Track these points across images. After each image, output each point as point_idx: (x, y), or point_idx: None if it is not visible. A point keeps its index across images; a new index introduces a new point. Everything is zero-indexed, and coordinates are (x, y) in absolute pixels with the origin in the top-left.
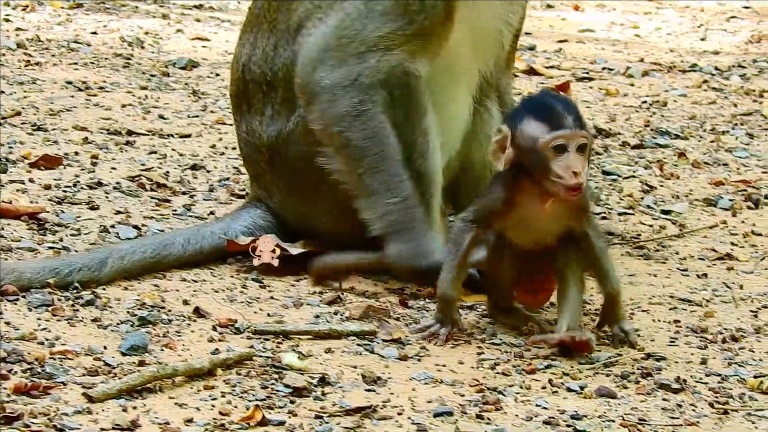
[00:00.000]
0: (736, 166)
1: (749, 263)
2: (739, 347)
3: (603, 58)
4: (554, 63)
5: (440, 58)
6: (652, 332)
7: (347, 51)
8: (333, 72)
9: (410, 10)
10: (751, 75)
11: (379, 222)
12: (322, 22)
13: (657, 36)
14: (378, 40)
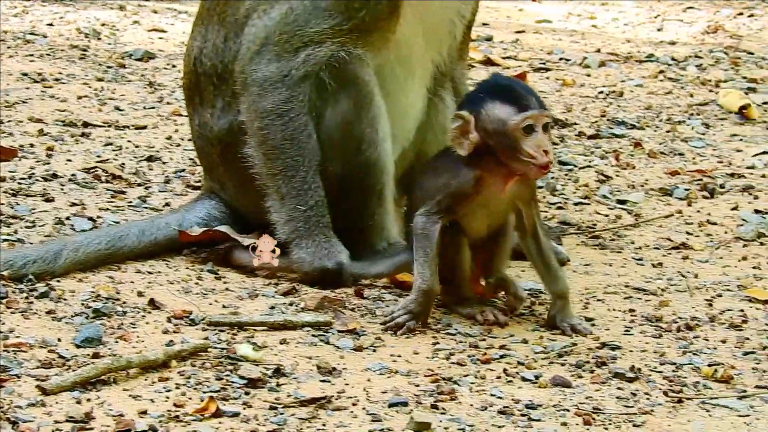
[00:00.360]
0: (692, 155)
1: (704, 252)
2: (693, 336)
3: (560, 49)
4: (511, 53)
5: (390, 49)
6: (607, 321)
7: (285, 46)
8: (267, 66)
9: (351, 7)
10: (707, 65)
11: (285, 227)
12: (266, 14)
13: (614, 26)
14: (314, 35)
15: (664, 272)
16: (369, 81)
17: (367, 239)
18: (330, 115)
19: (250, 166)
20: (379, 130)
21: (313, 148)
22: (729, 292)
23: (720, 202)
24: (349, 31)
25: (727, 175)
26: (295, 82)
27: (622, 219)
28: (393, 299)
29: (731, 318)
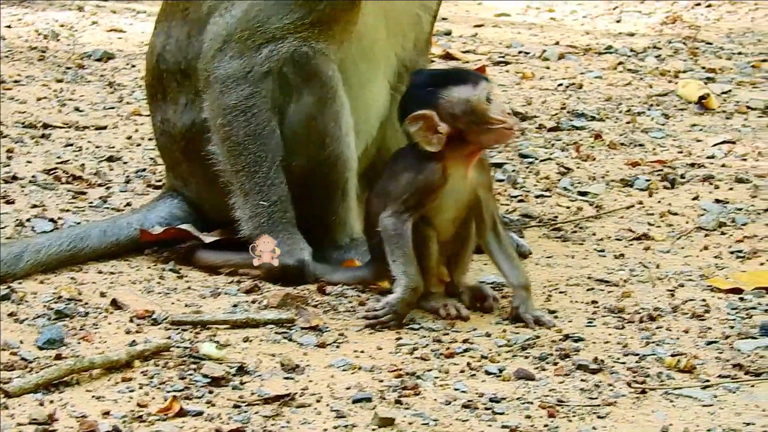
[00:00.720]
0: (652, 146)
1: (666, 242)
2: (656, 326)
3: (519, 42)
4: (470, 47)
5: (353, 42)
6: (570, 313)
7: (247, 43)
8: (230, 63)
9: (311, 0)
10: (665, 56)
11: (248, 223)
12: (227, 12)
13: (572, 19)
14: (275, 31)
15: (626, 263)
16: (332, 76)
17: (330, 234)
18: (293, 111)
19: (214, 163)
20: (342, 125)
21: (276, 143)
22: (691, 282)
23: (681, 193)
24: (311, 25)
25: (688, 165)
26: (258, 78)
27: (583, 211)
28: (356, 295)
29: (693, 308)
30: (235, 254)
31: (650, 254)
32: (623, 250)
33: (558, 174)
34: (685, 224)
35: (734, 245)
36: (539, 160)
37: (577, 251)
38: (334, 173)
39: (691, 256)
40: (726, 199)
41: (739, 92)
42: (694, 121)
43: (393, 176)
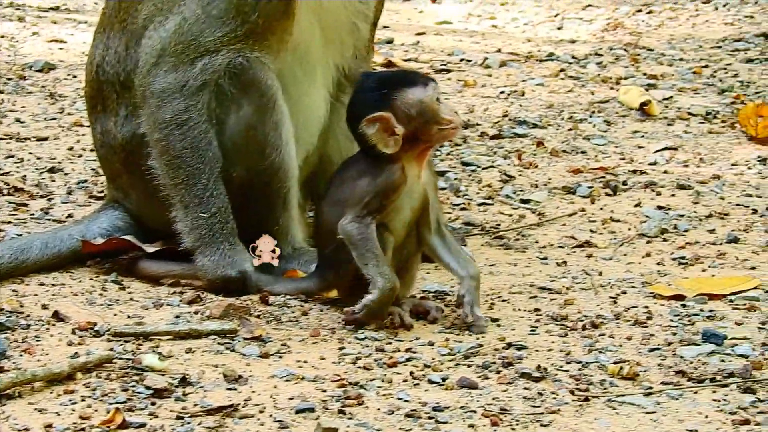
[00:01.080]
0: (594, 153)
1: (608, 250)
2: (599, 334)
3: (461, 50)
4: (412, 56)
5: (289, 52)
6: (513, 321)
7: (181, 57)
8: (165, 77)
9: (242, 12)
10: (607, 62)
11: (189, 235)
12: (161, 26)
13: (514, 26)
14: (209, 44)
15: (568, 271)
16: (271, 85)
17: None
18: (233, 121)
19: (154, 175)
20: (282, 134)
21: (214, 155)
22: (633, 289)
23: (623, 199)
24: (245, 36)
25: (630, 172)
26: (193, 92)
27: (526, 218)
28: (298, 305)
29: (636, 315)
30: (177, 265)
31: (593, 261)
32: (566, 258)
33: (500, 182)
34: (628, 231)
35: (676, 252)
36: (482, 168)
37: (520, 259)
38: (275, 182)
39: (633, 263)
40: (668, 206)
41: (680, 98)
42: (636, 128)
43: (346, 183)
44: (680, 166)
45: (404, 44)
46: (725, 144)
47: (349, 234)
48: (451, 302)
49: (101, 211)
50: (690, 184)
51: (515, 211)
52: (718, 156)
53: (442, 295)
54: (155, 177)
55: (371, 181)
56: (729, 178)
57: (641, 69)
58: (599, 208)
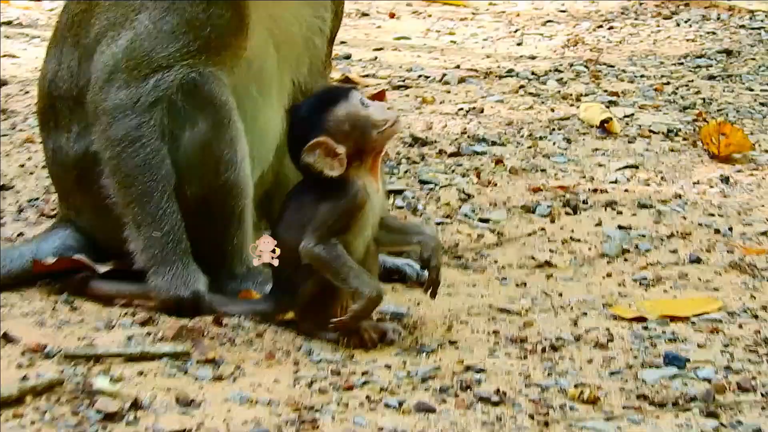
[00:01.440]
0: (554, 171)
1: (568, 270)
2: (559, 356)
3: (419, 66)
4: (370, 71)
5: (244, 68)
6: (472, 344)
7: (133, 74)
8: (117, 94)
9: (194, 27)
10: (567, 79)
11: (142, 255)
12: (113, 42)
13: (473, 42)
14: (161, 60)
15: (528, 292)
16: (226, 101)
17: (226, 264)
18: (187, 138)
19: (107, 194)
20: (237, 152)
21: (167, 173)
22: (594, 310)
23: (583, 219)
24: (197, 51)
25: (590, 190)
26: (146, 108)
27: (484, 238)
28: (253, 327)
29: (596, 337)
30: (130, 285)
31: (552, 282)
32: (525, 278)
33: (459, 200)
34: (588, 251)
35: (638, 272)
36: (439, 186)
37: (479, 280)
38: (230, 201)
39: (593, 284)
40: (629, 225)
41: (641, 116)
42: (597, 146)
43: (305, 207)
44: (641, 184)
45: (362, 60)
46: (687, 162)
47: (318, 257)
48: (408, 324)
49: (52, 230)
50: (651, 203)
51: (474, 231)
52: (679, 174)
53: (398, 316)
54: (108, 195)
55: (334, 203)
56: (691, 197)
57: (602, 86)
58: (559, 228)
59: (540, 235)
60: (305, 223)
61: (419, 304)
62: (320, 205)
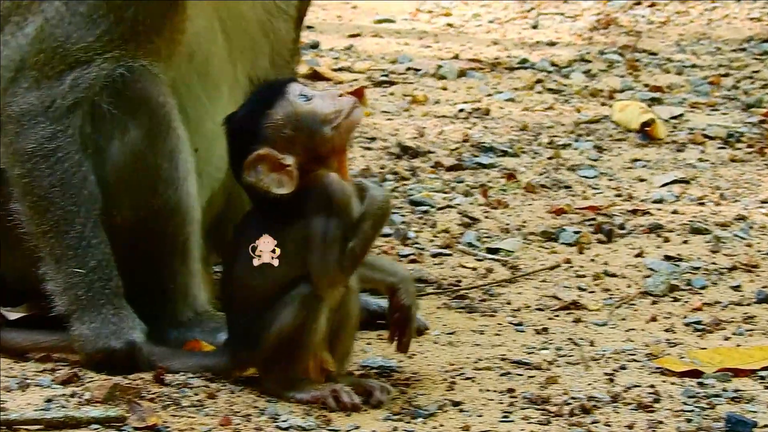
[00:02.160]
0: (582, 188)
1: (601, 313)
2: (591, 421)
3: (407, 56)
4: (344, 64)
5: (184, 60)
6: (480, 405)
7: (45, 70)
8: (25, 96)
9: (116, 6)
10: (597, 71)
11: (63, 297)
12: (19, 30)
13: (475, 25)
14: (78, 52)
15: (550, 340)
16: (164, 102)
17: (168, 308)
18: (116, 149)
19: (17, 222)
20: (179, 166)
21: (91, 194)
22: (635, 362)
23: (620, 248)
24: (122, 40)
25: (628, 212)
26: (62, 114)
27: (494, 273)
28: (203, 386)
29: (639, 396)
30: (47, 334)
31: (582, 328)
32: (547, 323)
33: (460, 226)
34: (627, 288)
35: (690, 315)
36: (436, 208)
37: (488, 325)
38: (171, 227)
39: (634, 330)
40: (679, 256)
41: (693, 117)
42: (636, 155)
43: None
44: (694, 204)
45: (333, 49)
46: (752, 175)
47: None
48: (399, 380)
49: None
50: (707, 228)
51: (480, 264)
52: (743, 191)
53: (387, 371)
54: (18, 223)
55: (326, 225)
56: (758, 219)
57: (641, 79)
58: (589, 260)
59: (565, 268)
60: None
61: (413, 356)
62: (313, 229)
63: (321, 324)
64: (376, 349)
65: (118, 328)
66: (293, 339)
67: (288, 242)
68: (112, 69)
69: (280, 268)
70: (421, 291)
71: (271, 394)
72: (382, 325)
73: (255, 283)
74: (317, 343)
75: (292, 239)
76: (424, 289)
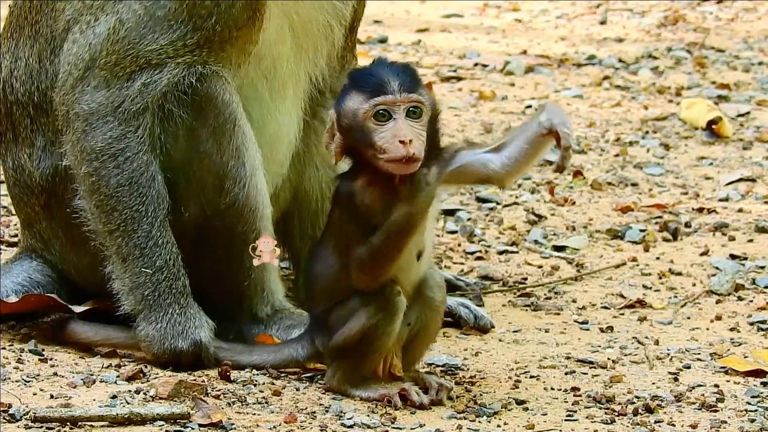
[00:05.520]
0: (648, 186)
1: (666, 311)
2: (655, 420)
3: (475, 51)
4: (411, 59)
5: (252, 66)
6: (544, 404)
7: (115, 70)
8: (94, 95)
9: (197, 15)
10: (664, 68)
11: (129, 296)
12: (90, 28)
13: (544, 20)
14: (151, 54)
15: (615, 338)
16: (230, 102)
17: (245, 304)
18: (182, 150)
19: (83, 221)
20: (246, 164)
21: (159, 194)
22: (699, 362)
23: (686, 246)
24: (197, 45)
25: (695, 210)
26: (131, 115)
27: (560, 271)
28: (269, 382)
29: (703, 396)
30: (114, 330)
31: (646, 327)
32: (612, 322)
33: (527, 223)
34: (692, 287)
35: (755, 314)
36: (502, 205)
37: (553, 323)
38: (241, 225)
39: (699, 329)
40: (744, 254)
41: (759, 114)
42: (702, 153)
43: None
44: (760, 202)
45: (402, 44)
46: None
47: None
48: (464, 378)
49: (15, 262)
50: None
51: (546, 261)
52: None
53: (452, 369)
54: (84, 222)
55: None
56: None
57: (709, 76)
58: (655, 258)
59: (630, 267)
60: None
61: (477, 354)
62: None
63: (395, 328)
64: (441, 347)
65: (184, 328)
66: (366, 339)
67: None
68: (183, 74)
69: None
70: (486, 288)
71: (336, 391)
72: (446, 323)
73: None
74: (389, 346)
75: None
76: (489, 286)
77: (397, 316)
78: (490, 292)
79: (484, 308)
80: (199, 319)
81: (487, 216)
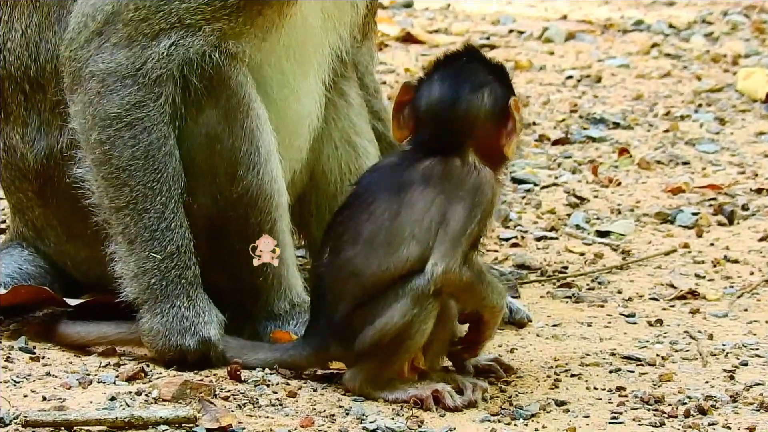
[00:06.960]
0: (701, 165)
1: (721, 303)
2: (709, 423)
3: (509, 17)
4: (440, 26)
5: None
6: (587, 405)
7: (140, 27)
8: (114, 53)
9: None
10: (720, 34)
11: (133, 283)
12: None
13: None
14: (185, 14)
15: (665, 333)
16: (243, 82)
17: (262, 299)
18: (191, 129)
19: (79, 208)
20: (261, 147)
21: (175, 171)
22: (757, 358)
23: (743, 231)
24: (236, 8)
25: (753, 191)
26: (153, 80)
27: (604, 259)
28: (283, 383)
29: (761, 396)
30: (112, 325)
31: (699, 320)
32: (661, 315)
33: (567, 206)
34: (750, 276)
35: None
36: (540, 186)
37: (596, 316)
38: (255, 215)
39: (757, 322)
40: None
41: None
42: (762, 128)
43: (407, 209)
44: None
45: (429, 9)
46: None
47: (466, 282)
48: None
49: (4, 251)
50: None
51: (589, 249)
52: None
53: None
54: (81, 210)
55: (468, 204)
56: None
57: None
58: (709, 244)
59: (682, 254)
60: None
61: (513, 351)
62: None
63: (430, 325)
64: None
65: (193, 323)
66: (397, 337)
67: (426, 215)
68: (215, 43)
69: (410, 247)
70: (523, 278)
71: (359, 394)
72: None
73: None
74: (421, 344)
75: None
76: (526, 276)
77: (434, 311)
78: (527, 282)
79: (521, 300)
80: (209, 314)
81: (523, 198)
